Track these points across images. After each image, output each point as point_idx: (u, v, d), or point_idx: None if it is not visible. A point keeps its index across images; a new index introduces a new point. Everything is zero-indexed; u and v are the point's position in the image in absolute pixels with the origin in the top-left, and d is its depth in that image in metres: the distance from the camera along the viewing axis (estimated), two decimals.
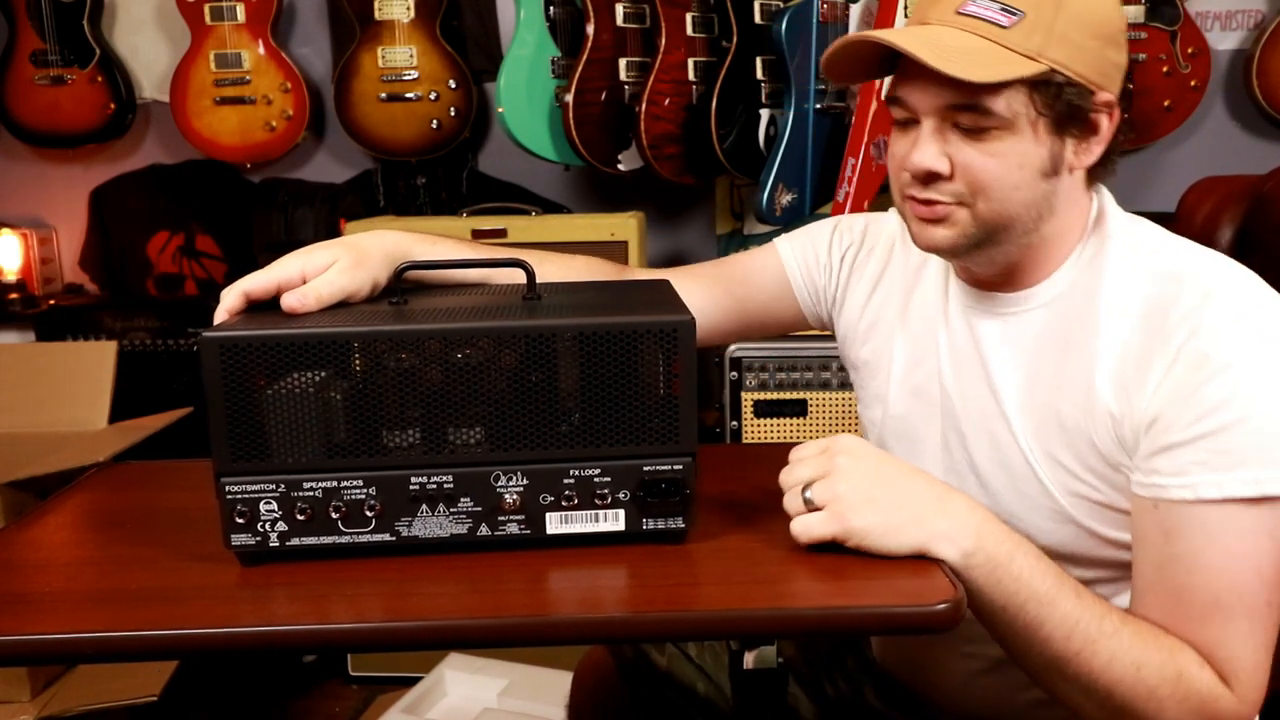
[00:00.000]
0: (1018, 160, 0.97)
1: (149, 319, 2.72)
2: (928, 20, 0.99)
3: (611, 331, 0.88)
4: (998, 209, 0.99)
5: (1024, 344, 1.06)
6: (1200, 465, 0.91)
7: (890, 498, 0.89)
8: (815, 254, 1.28)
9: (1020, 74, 0.94)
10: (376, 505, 0.89)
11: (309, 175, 2.93)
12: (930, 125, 0.99)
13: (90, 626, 0.80)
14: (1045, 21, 0.95)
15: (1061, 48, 0.95)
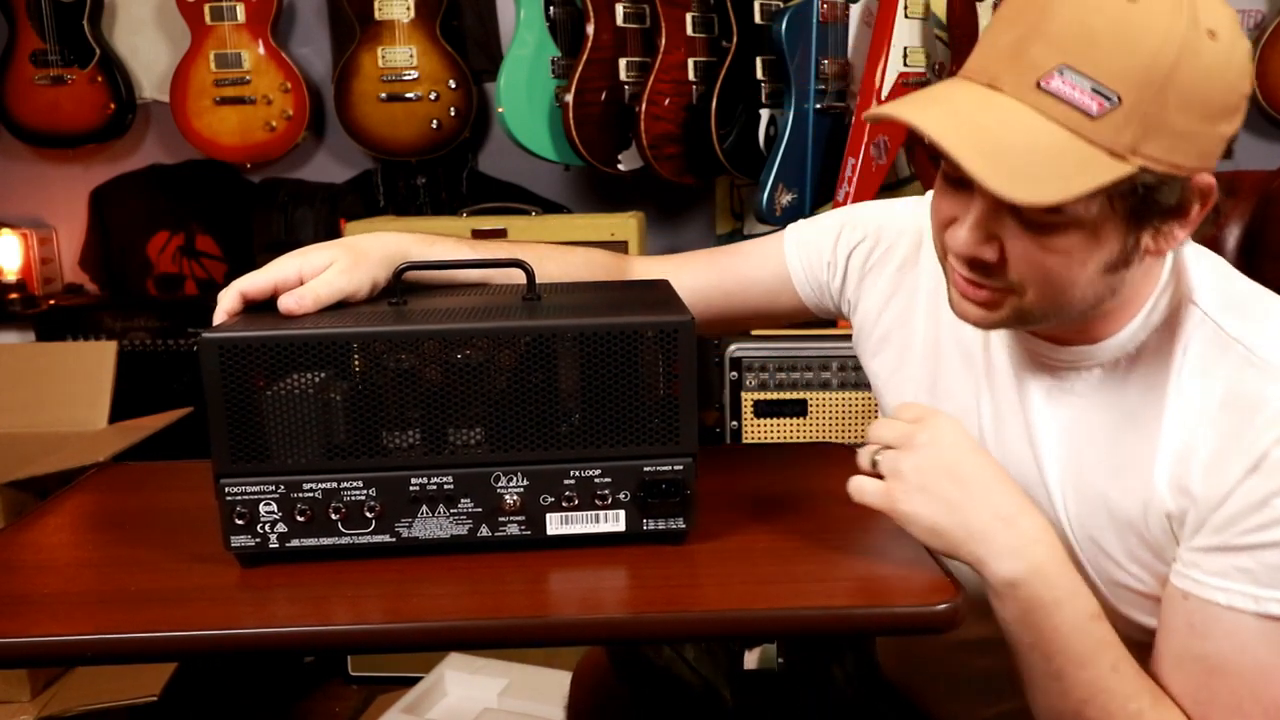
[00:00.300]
0: (1081, 258, 0.84)
1: (149, 319, 2.72)
2: (999, 84, 0.81)
3: (611, 332, 0.88)
4: (1051, 303, 0.88)
5: (1075, 407, 0.96)
6: (1245, 574, 0.83)
7: (953, 498, 0.85)
8: (819, 249, 1.19)
9: (1100, 183, 0.78)
10: (376, 506, 0.89)
11: (309, 175, 2.93)
12: (986, 205, 0.84)
13: (90, 629, 0.80)
14: (1146, 110, 0.77)
15: (1161, 140, 0.78)
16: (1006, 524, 0.84)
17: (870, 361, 1.18)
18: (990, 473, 0.87)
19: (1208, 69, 0.78)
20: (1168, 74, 0.77)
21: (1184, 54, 0.77)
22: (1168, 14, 0.78)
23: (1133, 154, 0.78)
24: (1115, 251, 0.84)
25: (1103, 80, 0.77)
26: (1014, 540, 0.84)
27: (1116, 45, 0.77)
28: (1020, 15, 0.82)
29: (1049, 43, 0.79)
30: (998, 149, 0.79)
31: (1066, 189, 0.77)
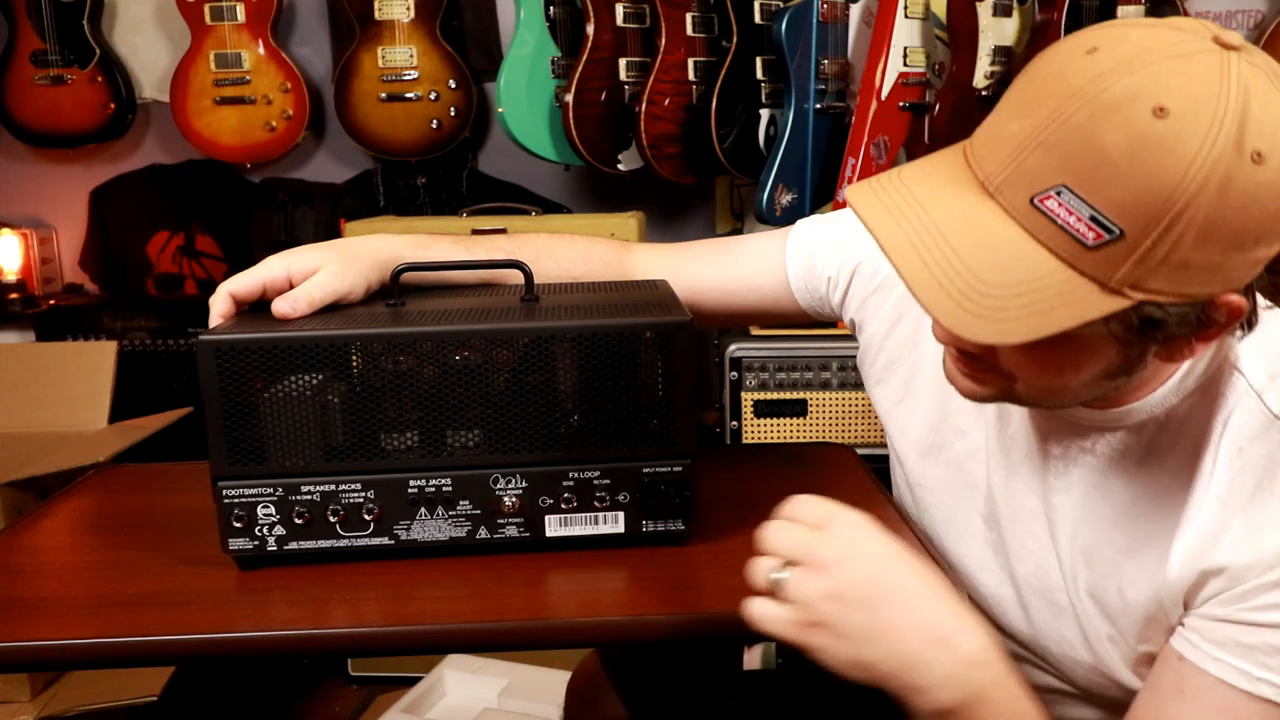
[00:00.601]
0: (1074, 368, 0.77)
1: (149, 319, 2.72)
2: (991, 188, 0.72)
3: (610, 333, 0.88)
4: (1044, 399, 0.83)
5: (1094, 468, 0.89)
6: (1245, 650, 0.78)
7: (876, 624, 0.72)
8: (822, 264, 1.12)
9: (1083, 320, 0.69)
10: (375, 509, 0.89)
11: (309, 175, 2.93)
12: None
13: (87, 632, 0.80)
14: (1153, 247, 0.67)
15: (1172, 276, 0.68)
16: (943, 647, 0.72)
17: (874, 389, 1.12)
18: (918, 583, 0.74)
19: (1243, 198, 0.67)
20: (1186, 207, 0.66)
21: (1211, 182, 0.66)
22: (1201, 135, 0.66)
23: (1132, 289, 0.69)
24: (1115, 362, 0.77)
25: (1104, 209, 0.68)
26: (952, 666, 0.72)
27: (1128, 171, 0.67)
28: (1034, 105, 0.71)
29: (1051, 154, 0.69)
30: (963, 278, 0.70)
31: (1040, 327, 0.69)
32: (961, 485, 1.01)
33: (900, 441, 1.09)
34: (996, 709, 0.73)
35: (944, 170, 0.76)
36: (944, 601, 0.74)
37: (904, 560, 0.75)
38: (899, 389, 1.07)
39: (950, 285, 0.70)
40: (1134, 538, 0.86)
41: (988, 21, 2.38)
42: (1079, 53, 0.71)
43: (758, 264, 1.15)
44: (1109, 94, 0.67)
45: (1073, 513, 0.90)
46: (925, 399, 1.04)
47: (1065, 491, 0.91)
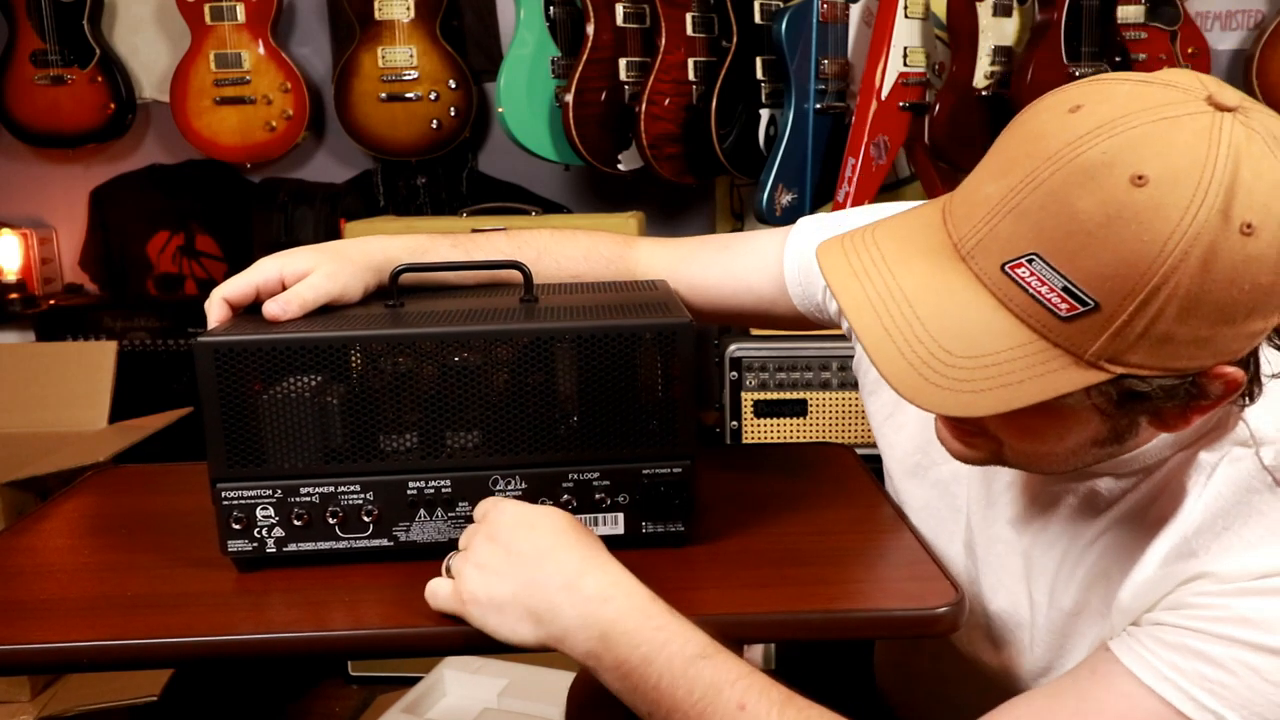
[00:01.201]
0: (1060, 435, 0.75)
1: (149, 319, 2.72)
2: (964, 251, 0.69)
3: (609, 334, 0.88)
4: (1034, 462, 0.80)
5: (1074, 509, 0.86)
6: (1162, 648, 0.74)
7: (515, 584, 0.78)
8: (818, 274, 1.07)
9: (1061, 392, 0.66)
10: (374, 510, 0.89)
11: (309, 175, 2.93)
12: None
13: (87, 635, 0.80)
14: (1128, 322, 0.64)
15: (1152, 351, 0.65)
16: (570, 591, 0.77)
17: (867, 400, 1.11)
18: (548, 540, 0.80)
19: (1231, 271, 0.63)
20: (1165, 280, 0.63)
21: (1193, 255, 0.62)
22: (1183, 206, 0.62)
23: (1109, 363, 0.66)
24: (1101, 432, 0.74)
25: (1077, 281, 0.64)
26: (581, 608, 0.76)
27: (1102, 241, 0.63)
28: (1012, 167, 0.68)
29: (1024, 221, 0.66)
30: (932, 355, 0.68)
31: (1007, 399, 0.66)
32: (945, 509, 0.99)
33: (889, 458, 1.08)
34: (634, 639, 0.75)
35: (919, 230, 0.74)
36: (571, 550, 0.79)
37: (538, 524, 0.81)
38: (889, 404, 1.06)
39: (912, 355, 0.68)
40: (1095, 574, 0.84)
41: (988, 21, 2.38)
42: (1062, 111, 0.68)
43: (755, 267, 1.14)
44: (1085, 158, 0.64)
45: (1048, 551, 0.88)
46: (914, 417, 1.02)
47: (1043, 529, 0.89)
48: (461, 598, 0.80)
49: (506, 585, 0.79)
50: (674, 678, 0.74)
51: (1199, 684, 0.71)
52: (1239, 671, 0.70)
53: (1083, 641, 0.86)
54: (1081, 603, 0.85)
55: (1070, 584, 0.86)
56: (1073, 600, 0.86)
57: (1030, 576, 0.90)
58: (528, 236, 1.13)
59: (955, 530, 0.98)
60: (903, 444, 1.04)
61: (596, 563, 0.79)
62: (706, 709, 0.73)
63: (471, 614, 0.80)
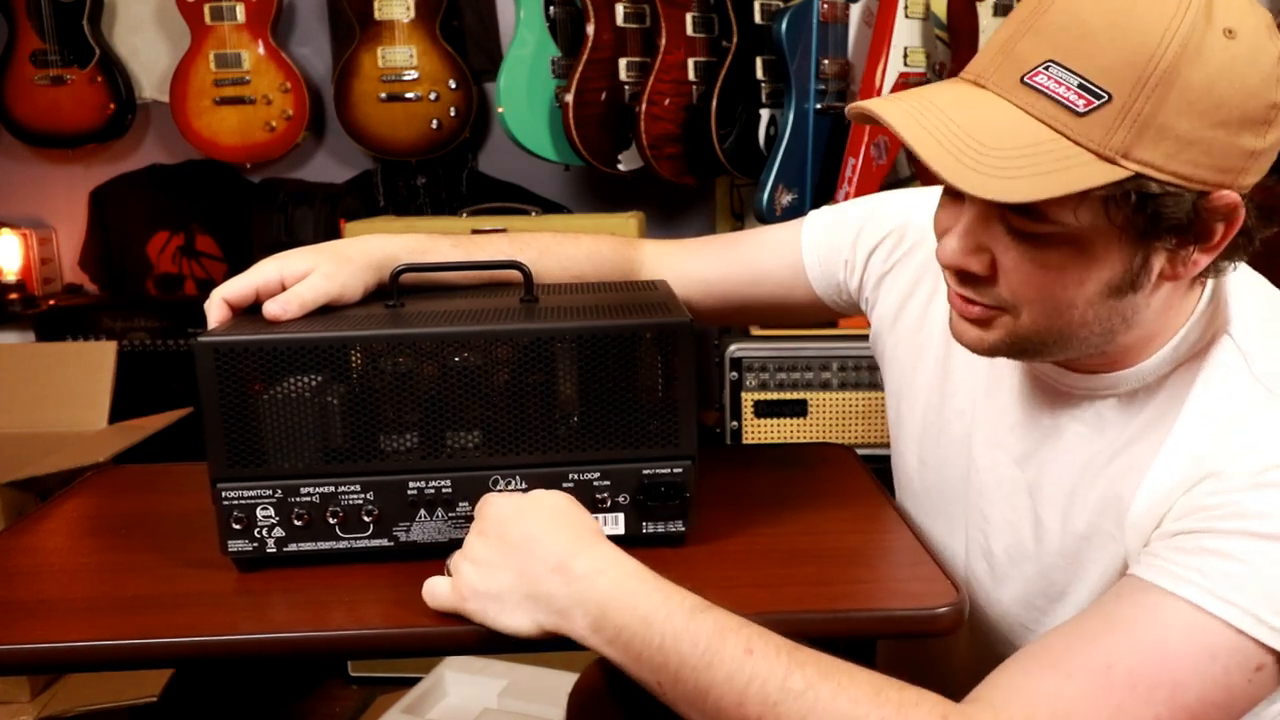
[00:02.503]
0: (1077, 276, 0.77)
1: (149, 319, 2.72)
2: (984, 81, 0.77)
3: (609, 334, 0.88)
4: (1046, 324, 0.81)
5: (1082, 437, 0.89)
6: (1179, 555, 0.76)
7: (506, 570, 0.79)
8: (837, 247, 1.12)
9: (1087, 185, 0.71)
10: (374, 510, 0.89)
11: (309, 175, 2.93)
12: (975, 212, 0.79)
13: (87, 635, 0.80)
14: (1139, 109, 0.71)
15: (1160, 144, 0.71)
16: (562, 574, 0.78)
17: (885, 367, 1.12)
18: (538, 526, 0.80)
19: (1219, 69, 0.71)
20: (1167, 71, 0.70)
21: (1188, 48, 0.70)
22: (1172, 7, 0.72)
23: (1124, 157, 0.71)
24: (1118, 272, 0.77)
25: (1091, 76, 0.72)
26: (574, 589, 0.77)
27: (1109, 39, 0.72)
28: (1019, 13, 0.78)
29: (1038, 36, 0.74)
30: (963, 140, 0.74)
31: (1042, 188, 0.71)
32: (955, 466, 1.02)
33: (906, 422, 1.09)
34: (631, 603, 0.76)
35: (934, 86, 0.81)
36: (560, 533, 0.80)
37: (529, 512, 0.82)
38: (909, 362, 1.08)
39: (952, 147, 0.73)
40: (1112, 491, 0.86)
41: (988, 21, 2.38)
42: None
43: (772, 254, 1.15)
44: None
45: (1059, 472, 0.91)
46: (928, 380, 1.05)
47: (1051, 460, 0.91)
48: (461, 594, 0.80)
49: (500, 576, 0.79)
50: (677, 633, 0.74)
51: (1222, 582, 0.73)
52: (1258, 563, 0.73)
53: (1095, 566, 0.88)
54: (1094, 525, 0.87)
55: (1084, 508, 0.88)
56: (1085, 523, 0.88)
57: (1037, 508, 0.92)
58: (529, 238, 1.14)
59: (964, 484, 1.00)
60: (924, 400, 1.06)
61: (586, 543, 0.80)
62: (714, 658, 0.73)
63: (471, 609, 0.80)
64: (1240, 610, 0.73)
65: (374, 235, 1.05)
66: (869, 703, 0.71)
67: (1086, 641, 0.75)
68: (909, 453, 1.10)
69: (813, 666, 0.73)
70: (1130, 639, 0.74)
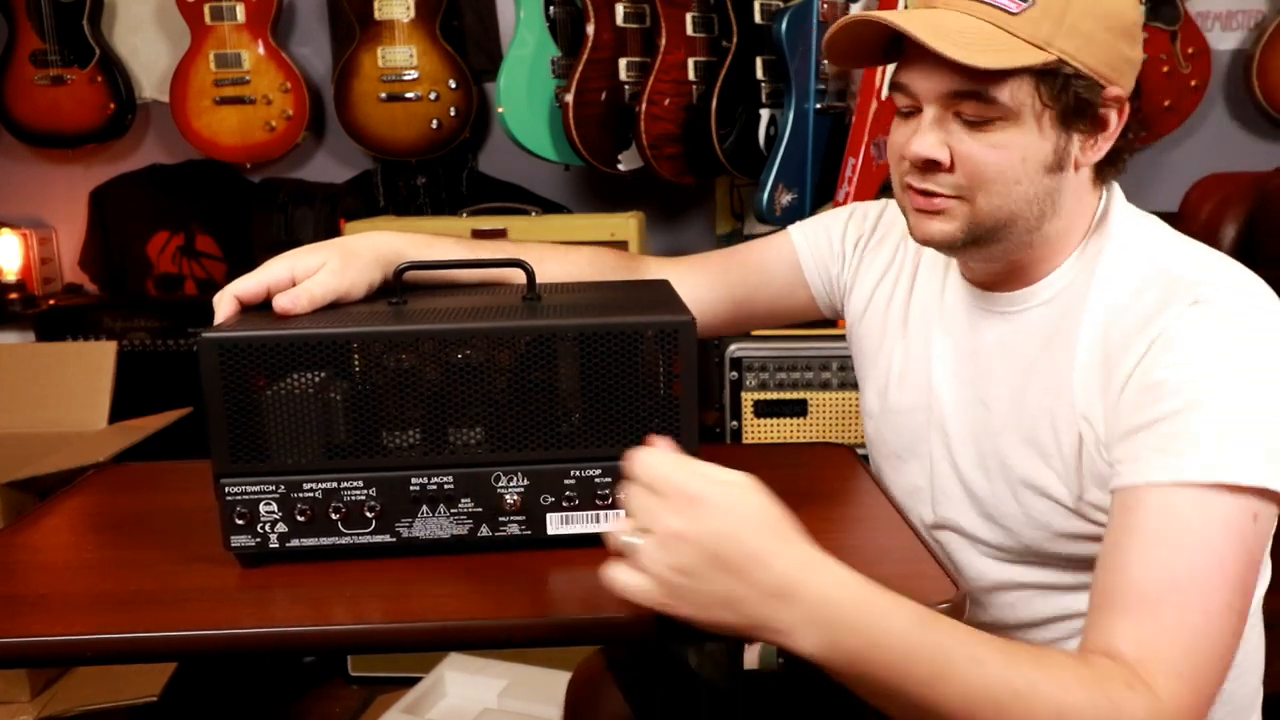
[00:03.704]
0: (1020, 153, 0.94)
1: (149, 319, 2.72)
2: (934, 4, 0.96)
3: (611, 332, 0.88)
4: (998, 204, 0.96)
5: (1020, 347, 1.04)
6: (1154, 450, 0.87)
7: (725, 592, 0.75)
8: (829, 241, 1.26)
9: (1026, 62, 0.91)
10: (377, 506, 0.89)
11: (309, 175, 2.93)
12: (932, 113, 0.96)
13: (89, 629, 0.80)
14: (1056, 10, 0.91)
15: (1071, 38, 0.92)
16: (786, 602, 0.75)
17: (860, 343, 1.23)
18: (756, 546, 0.76)
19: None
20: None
21: None
22: None
23: (1048, 46, 0.91)
24: (1049, 150, 0.95)
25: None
26: (801, 613, 0.75)
27: None
28: None
29: None
30: (942, 29, 0.92)
31: (1000, 60, 0.90)
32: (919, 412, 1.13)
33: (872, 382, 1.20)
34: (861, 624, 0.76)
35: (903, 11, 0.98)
36: (781, 559, 0.76)
37: (741, 527, 0.76)
38: (876, 335, 1.20)
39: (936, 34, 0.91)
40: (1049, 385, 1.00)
41: None
42: None
43: (769, 261, 1.28)
44: None
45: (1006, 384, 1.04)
46: (899, 351, 1.17)
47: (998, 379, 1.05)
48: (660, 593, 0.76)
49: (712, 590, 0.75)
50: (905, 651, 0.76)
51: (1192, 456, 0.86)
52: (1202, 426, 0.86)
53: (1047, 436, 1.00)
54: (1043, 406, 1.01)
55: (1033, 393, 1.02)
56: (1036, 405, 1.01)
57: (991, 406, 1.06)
58: (530, 244, 1.18)
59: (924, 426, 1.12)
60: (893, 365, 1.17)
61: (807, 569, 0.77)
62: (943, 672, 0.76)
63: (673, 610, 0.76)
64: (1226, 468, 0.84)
65: (381, 231, 1.07)
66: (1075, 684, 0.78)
67: (1141, 569, 0.84)
68: (875, 410, 1.20)
69: (1026, 660, 0.78)
70: (1168, 546, 0.84)
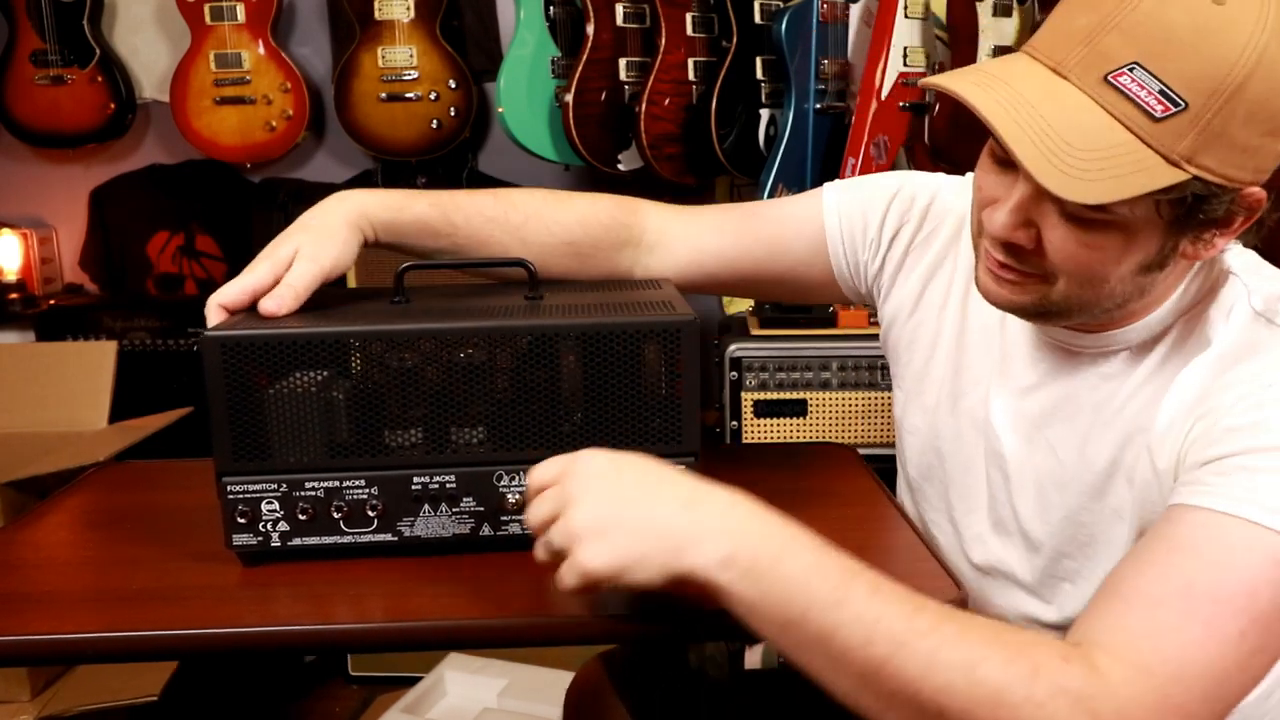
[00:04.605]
0: (1117, 256, 0.83)
1: (149, 319, 2.71)
2: (1064, 71, 0.79)
3: (613, 331, 0.88)
4: (1079, 296, 0.86)
5: (1095, 389, 0.94)
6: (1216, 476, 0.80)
7: (629, 521, 0.75)
8: (864, 224, 1.12)
9: (1152, 188, 0.76)
10: (378, 505, 0.89)
11: (309, 175, 2.93)
12: (1030, 190, 0.82)
13: (91, 627, 0.80)
14: (1210, 120, 0.75)
15: (1220, 152, 0.77)
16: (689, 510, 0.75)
17: (904, 351, 1.12)
18: (650, 475, 0.78)
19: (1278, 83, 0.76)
20: (1240, 84, 0.75)
21: (1263, 63, 0.75)
22: (1253, 19, 0.75)
23: (1188, 163, 0.76)
24: (1152, 254, 0.83)
25: (1172, 84, 0.75)
26: (713, 517, 0.75)
27: (1193, 48, 0.75)
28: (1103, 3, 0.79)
29: (1125, 36, 0.77)
30: (1052, 140, 0.77)
31: (1117, 190, 0.76)
32: (971, 437, 1.04)
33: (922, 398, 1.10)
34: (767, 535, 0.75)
35: (1010, 64, 0.83)
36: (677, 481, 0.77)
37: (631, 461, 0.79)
38: (927, 346, 1.10)
39: (1043, 146, 0.77)
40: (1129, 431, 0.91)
41: (988, 21, 2.38)
42: None
43: (792, 229, 1.14)
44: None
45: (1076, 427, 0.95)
46: (946, 355, 1.07)
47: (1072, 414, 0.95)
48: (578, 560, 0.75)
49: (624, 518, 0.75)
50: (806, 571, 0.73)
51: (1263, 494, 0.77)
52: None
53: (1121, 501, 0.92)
54: (1115, 461, 0.92)
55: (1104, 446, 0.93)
56: (1106, 459, 0.93)
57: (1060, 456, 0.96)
58: (517, 199, 1.09)
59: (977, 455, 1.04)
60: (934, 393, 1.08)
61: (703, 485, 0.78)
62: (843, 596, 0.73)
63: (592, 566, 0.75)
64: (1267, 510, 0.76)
65: (348, 194, 1.02)
66: (993, 643, 0.72)
67: (1160, 570, 0.77)
68: (920, 429, 1.10)
69: (934, 607, 0.74)
70: (1200, 559, 0.76)
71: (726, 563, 0.73)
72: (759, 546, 0.74)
